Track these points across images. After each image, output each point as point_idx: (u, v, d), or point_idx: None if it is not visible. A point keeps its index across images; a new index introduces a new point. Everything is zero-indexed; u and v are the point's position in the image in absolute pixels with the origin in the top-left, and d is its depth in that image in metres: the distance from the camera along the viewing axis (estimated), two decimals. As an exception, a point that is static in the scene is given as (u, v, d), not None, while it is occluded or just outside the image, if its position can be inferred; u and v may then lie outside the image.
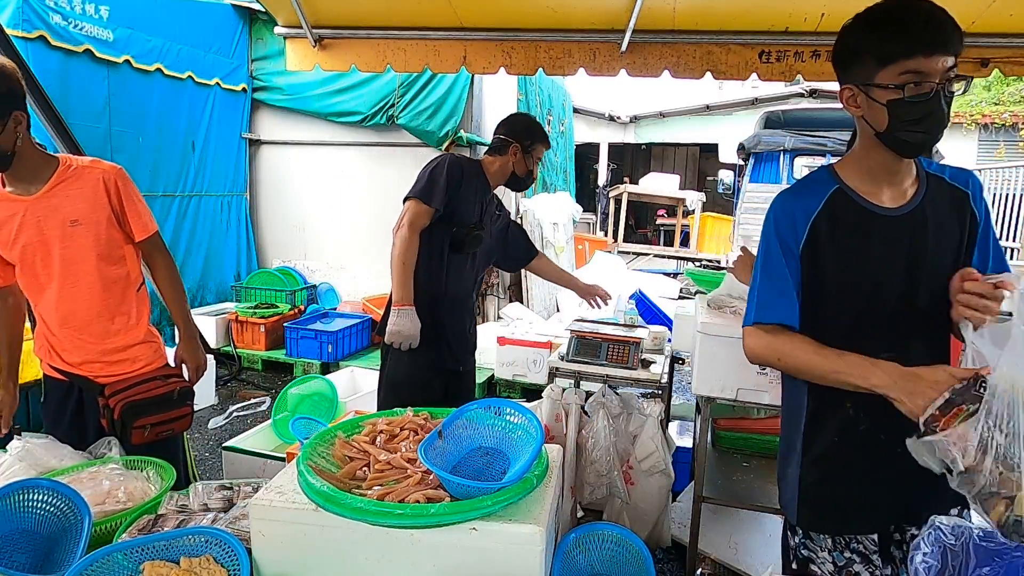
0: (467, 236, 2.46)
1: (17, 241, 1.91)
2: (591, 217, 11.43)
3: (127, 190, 2.00)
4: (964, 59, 2.63)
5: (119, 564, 1.26)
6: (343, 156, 6.11)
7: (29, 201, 1.90)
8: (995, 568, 1.23)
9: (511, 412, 1.51)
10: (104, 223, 1.96)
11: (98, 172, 1.96)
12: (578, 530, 1.59)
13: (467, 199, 2.44)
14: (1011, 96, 11.05)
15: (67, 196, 1.91)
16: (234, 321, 5.35)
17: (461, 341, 2.59)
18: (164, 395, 2.03)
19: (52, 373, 2.07)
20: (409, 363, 2.44)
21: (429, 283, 2.44)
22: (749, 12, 2.59)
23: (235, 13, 5.85)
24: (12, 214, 1.90)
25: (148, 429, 1.97)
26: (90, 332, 2.00)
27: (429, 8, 2.71)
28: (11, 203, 1.90)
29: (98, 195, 1.94)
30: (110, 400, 1.96)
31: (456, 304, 2.53)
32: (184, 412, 2.09)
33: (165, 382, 2.07)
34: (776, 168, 7.37)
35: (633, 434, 2.66)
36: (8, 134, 1.77)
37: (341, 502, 1.25)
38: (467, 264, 2.54)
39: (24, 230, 1.90)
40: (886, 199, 1.38)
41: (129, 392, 1.98)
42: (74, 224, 1.91)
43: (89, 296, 1.98)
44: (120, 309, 2.04)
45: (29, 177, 1.90)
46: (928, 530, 1.26)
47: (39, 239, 1.91)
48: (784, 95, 11.09)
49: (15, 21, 4.00)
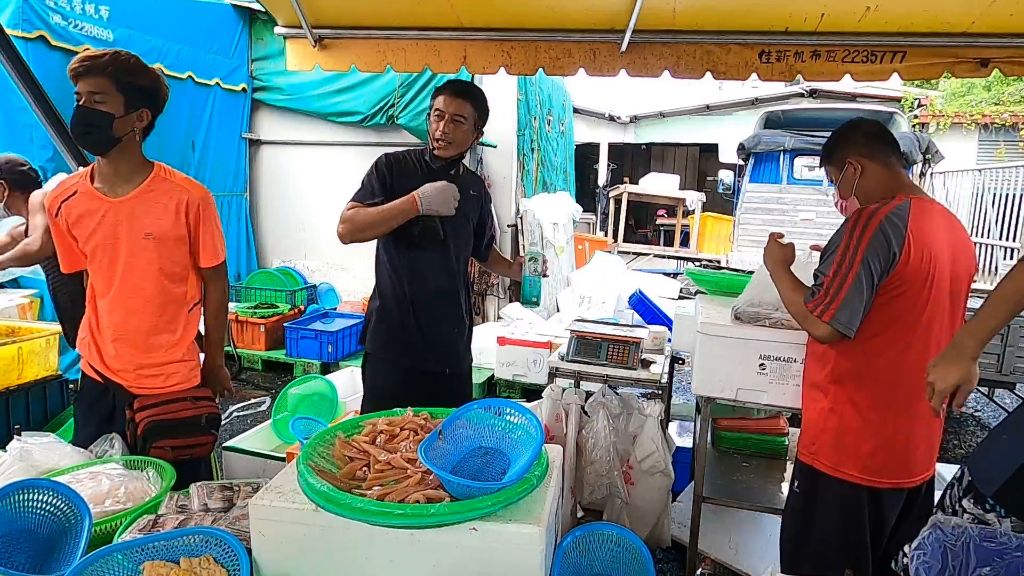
0: (420, 231, 2.26)
1: (92, 238, 1.93)
2: (591, 217, 11.43)
3: (207, 216, 2.01)
4: (964, 59, 2.63)
5: (119, 564, 1.26)
6: (343, 156, 6.11)
7: (113, 203, 1.92)
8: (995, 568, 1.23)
9: (511, 412, 1.51)
10: (175, 242, 1.97)
11: (184, 193, 1.97)
12: (578, 530, 1.59)
13: (406, 185, 2.24)
14: (1011, 96, 11.05)
15: (149, 208, 1.93)
16: (234, 321, 5.34)
17: (443, 341, 2.39)
18: (191, 419, 1.99)
19: (91, 373, 2.05)
20: (385, 369, 2.36)
21: (396, 285, 2.32)
22: (749, 12, 2.59)
23: (235, 13, 5.85)
24: (93, 210, 1.92)
25: (169, 451, 1.92)
26: (135, 343, 1.98)
27: (429, 8, 2.71)
28: (95, 200, 1.92)
29: (178, 215, 1.96)
30: (136, 415, 1.94)
31: (432, 303, 2.35)
32: (208, 440, 2.04)
33: (195, 404, 2.02)
34: (776, 168, 7.37)
35: (633, 434, 2.66)
36: (127, 121, 1.84)
37: (341, 502, 1.25)
38: (436, 259, 2.33)
39: (100, 229, 1.92)
40: None
41: (157, 410, 1.94)
42: (147, 237, 1.93)
43: (143, 308, 1.97)
44: (169, 327, 2.02)
45: (120, 179, 1.93)
46: (928, 530, 1.26)
47: (111, 242, 1.93)
48: (784, 95, 11.10)
49: (15, 21, 4.00)
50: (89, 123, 1.80)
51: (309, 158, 6.24)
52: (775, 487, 2.56)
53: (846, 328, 1.68)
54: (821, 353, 1.85)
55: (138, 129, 1.89)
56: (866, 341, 1.72)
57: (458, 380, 2.50)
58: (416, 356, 2.35)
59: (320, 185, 6.22)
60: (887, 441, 1.73)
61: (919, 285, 1.67)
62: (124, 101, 1.83)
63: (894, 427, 1.73)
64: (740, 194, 7.63)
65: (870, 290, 1.67)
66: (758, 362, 2.16)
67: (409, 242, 2.28)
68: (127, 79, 1.82)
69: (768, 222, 6.80)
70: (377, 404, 2.29)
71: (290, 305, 5.70)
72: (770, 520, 2.66)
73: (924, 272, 1.66)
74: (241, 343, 5.36)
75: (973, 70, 2.65)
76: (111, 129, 1.82)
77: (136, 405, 1.95)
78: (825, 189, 6.93)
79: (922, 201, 1.72)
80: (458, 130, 2.26)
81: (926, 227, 1.67)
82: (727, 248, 8.79)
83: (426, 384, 2.36)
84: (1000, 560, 1.23)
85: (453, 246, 2.36)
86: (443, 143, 2.26)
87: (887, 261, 1.65)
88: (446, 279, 2.36)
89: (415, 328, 2.33)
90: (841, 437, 1.77)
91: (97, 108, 1.79)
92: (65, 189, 1.95)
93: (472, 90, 2.30)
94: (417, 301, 2.32)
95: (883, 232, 1.64)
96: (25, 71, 3.88)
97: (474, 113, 2.28)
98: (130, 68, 1.83)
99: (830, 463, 1.79)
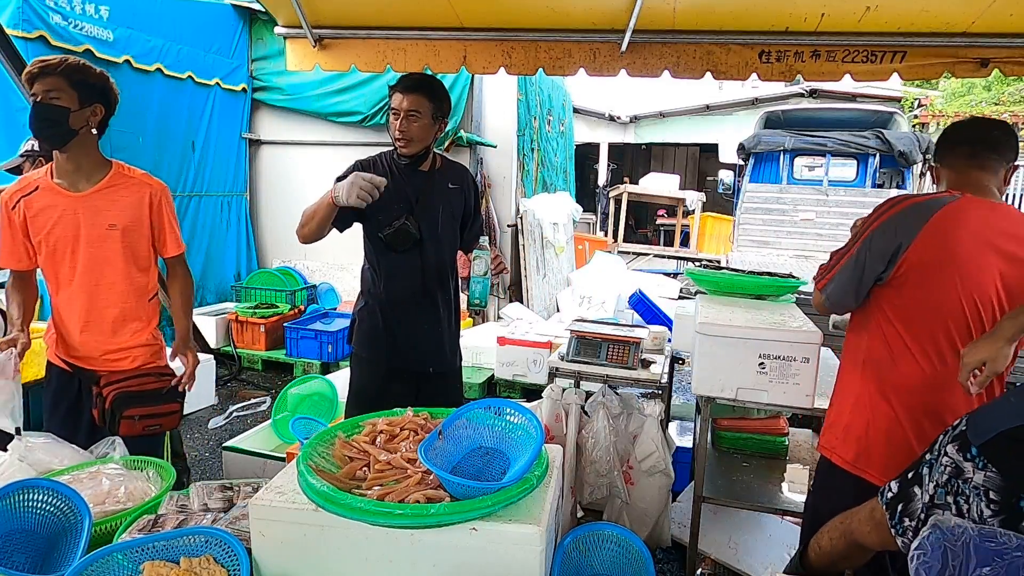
0: (391, 234, 2.25)
1: (52, 232, 2.00)
2: (591, 217, 11.42)
3: (168, 207, 2.16)
4: (964, 59, 2.63)
5: (119, 564, 1.26)
6: (343, 156, 6.07)
7: (74, 197, 2.01)
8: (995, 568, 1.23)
9: (511, 412, 1.51)
10: (139, 233, 2.09)
11: (146, 186, 2.11)
12: (578, 530, 1.59)
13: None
14: (1011, 96, 11.05)
15: (112, 201, 2.04)
16: (234, 321, 5.35)
17: (423, 340, 2.37)
18: (155, 389, 2.11)
19: (57, 362, 2.14)
20: (368, 368, 2.38)
21: (374, 285, 2.35)
22: (749, 12, 2.59)
23: (235, 13, 5.85)
24: (53, 205, 2.00)
25: (137, 420, 2.03)
26: (102, 330, 2.09)
27: (429, 8, 2.71)
28: (55, 195, 2.01)
29: (141, 207, 2.09)
30: (103, 389, 2.03)
31: (411, 303, 2.34)
32: (173, 408, 2.16)
33: (159, 379, 2.14)
34: (776, 168, 7.36)
35: (633, 434, 2.66)
36: (81, 116, 1.95)
37: (341, 502, 1.25)
38: (412, 260, 2.31)
39: (61, 223, 2.00)
40: None
41: (122, 384, 2.04)
42: (111, 228, 2.03)
43: (109, 297, 2.07)
44: (135, 314, 2.14)
45: (81, 175, 2.02)
46: (928, 530, 1.26)
47: (72, 235, 2.01)
48: (784, 95, 11.09)
49: (15, 21, 3.99)
50: (47, 117, 1.91)
51: (309, 158, 6.23)
52: (775, 487, 2.56)
53: (831, 302, 1.74)
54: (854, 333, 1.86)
55: (93, 123, 2.00)
56: (877, 328, 1.75)
57: (445, 379, 2.47)
58: (397, 356, 2.36)
59: (320, 185, 6.09)
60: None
61: (931, 278, 1.64)
62: (77, 96, 1.94)
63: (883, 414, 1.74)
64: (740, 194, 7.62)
65: (862, 270, 1.70)
66: (758, 362, 2.16)
67: (386, 243, 2.29)
68: (78, 77, 1.95)
69: (768, 222, 6.80)
70: (361, 404, 2.33)
71: (290, 305, 5.70)
72: (770, 520, 2.67)
73: (936, 265, 1.63)
74: (241, 343, 5.35)
75: (973, 70, 2.65)
76: (68, 122, 1.93)
77: (103, 382, 2.06)
78: (825, 189, 6.93)
79: (981, 202, 1.66)
80: (414, 125, 2.21)
81: (962, 224, 1.61)
82: (727, 248, 8.78)
83: (410, 384, 2.38)
84: (1000, 560, 1.23)
85: (432, 245, 2.33)
86: (403, 141, 2.24)
87: (891, 245, 1.65)
88: (421, 279, 2.33)
89: (395, 327, 2.34)
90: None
91: (53, 103, 1.90)
92: (26, 185, 2.03)
93: (424, 82, 2.25)
94: (395, 302, 2.33)
95: (896, 218, 1.65)
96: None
97: (430, 105, 2.22)
98: (80, 68, 1.96)
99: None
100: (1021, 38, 2.55)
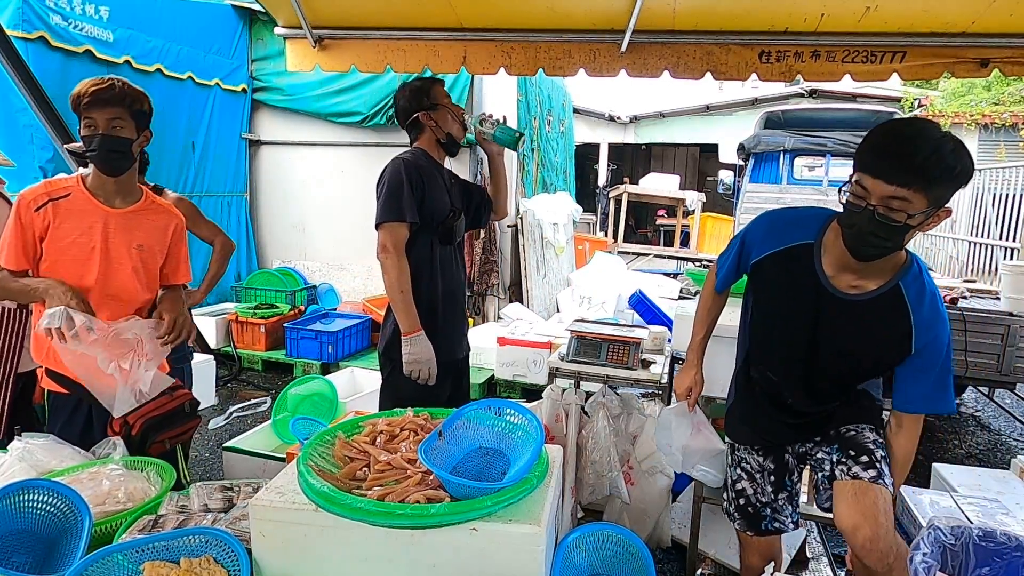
0: (450, 227, 2.39)
1: (76, 242, 1.97)
2: (591, 217, 11.40)
3: (185, 239, 2.23)
4: (964, 59, 2.63)
5: (119, 564, 1.27)
6: (343, 156, 6.10)
7: (109, 212, 2.01)
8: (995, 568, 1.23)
9: (511, 412, 1.51)
10: (156, 258, 2.13)
11: (175, 216, 2.18)
12: (578, 530, 1.59)
13: (435, 194, 2.31)
14: (1011, 96, 11.03)
15: (142, 223, 2.08)
16: (234, 321, 5.35)
17: (458, 327, 2.53)
18: (176, 409, 2.08)
19: (54, 387, 2.03)
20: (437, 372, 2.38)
21: (426, 288, 2.35)
22: (749, 12, 2.59)
23: (235, 13, 5.85)
24: (88, 212, 1.98)
25: (167, 444, 2.03)
26: None
27: (429, 8, 2.71)
28: (91, 204, 2.00)
29: (165, 234, 2.14)
30: (128, 418, 1.97)
31: (453, 296, 2.47)
32: (195, 424, 2.17)
33: (172, 397, 2.09)
34: (776, 168, 7.37)
35: (633, 434, 2.66)
36: (138, 144, 2.00)
37: (341, 502, 1.25)
38: (454, 251, 2.48)
39: (88, 234, 1.98)
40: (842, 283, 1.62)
41: (144, 409, 1.99)
42: (139, 248, 2.05)
43: (120, 314, 2.02)
44: None
45: (119, 195, 2.04)
46: (928, 530, 1.26)
47: (98, 247, 1.98)
48: (784, 95, 11.10)
49: (15, 21, 4.00)
50: (113, 149, 1.94)
51: (309, 158, 6.24)
52: (775, 487, 2.55)
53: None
54: None
55: (141, 149, 2.04)
56: None
57: (466, 364, 2.65)
58: (439, 349, 2.35)
59: (320, 185, 6.21)
60: None
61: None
62: (135, 125, 1.98)
63: None
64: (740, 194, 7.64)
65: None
66: (758, 362, 2.15)
67: (443, 241, 2.40)
68: (137, 107, 1.97)
69: (768, 222, 6.80)
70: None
71: (290, 305, 5.70)
72: (770, 520, 2.66)
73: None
74: (241, 343, 5.36)
75: (973, 70, 2.65)
76: (130, 152, 1.98)
77: None
78: (825, 189, 6.93)
79: None
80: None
81: None
82: (727, 248, 8.76)
83: (449, 377, 2.46)
84: (1000, 560, 1.23)
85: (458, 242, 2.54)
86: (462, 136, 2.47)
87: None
88: (460, 267, 2.54)
89: (439, 323, 2.39)
90: None
91: (118, 135, 1.93)
92: (56, 188, 2.00)
93: None
94: (444, 298, 2.42)
95: None
96: (25, 71, 3.88)
97: None
98: (136, 96, 1.98)
99: None
100: (1021, 38, 2.55)
